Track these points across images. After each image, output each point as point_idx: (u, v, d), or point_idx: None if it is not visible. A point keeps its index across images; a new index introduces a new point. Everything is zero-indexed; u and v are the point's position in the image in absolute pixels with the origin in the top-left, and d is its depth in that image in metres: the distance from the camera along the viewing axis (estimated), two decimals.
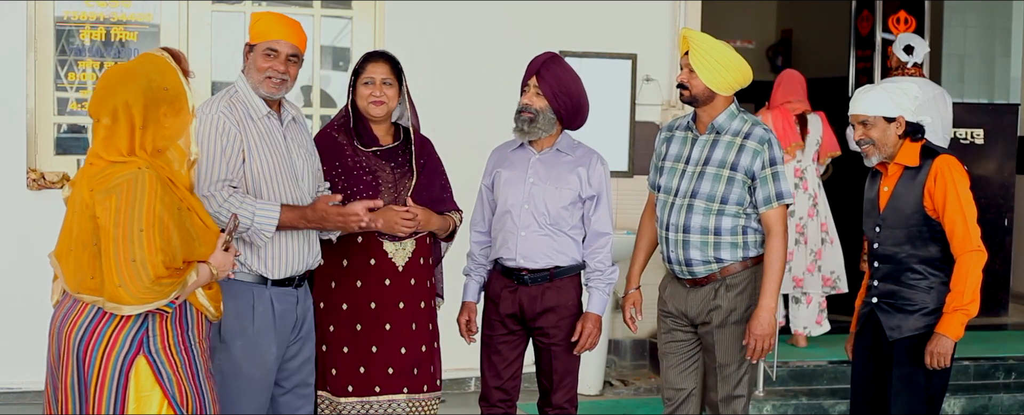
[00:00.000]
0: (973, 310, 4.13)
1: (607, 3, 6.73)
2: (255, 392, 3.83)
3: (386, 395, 4.11)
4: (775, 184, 4.19)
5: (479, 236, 4.45)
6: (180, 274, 3.23)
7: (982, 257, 4.13)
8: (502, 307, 4.34)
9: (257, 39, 3.88)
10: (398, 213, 4.02)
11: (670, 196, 4.28)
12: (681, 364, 4.37)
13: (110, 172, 3.21)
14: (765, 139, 4.19)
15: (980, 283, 4.14)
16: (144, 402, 3.24)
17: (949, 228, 4.15)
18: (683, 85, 4.22)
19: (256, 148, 3.79)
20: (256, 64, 3.86)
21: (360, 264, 4.10)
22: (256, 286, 3.82)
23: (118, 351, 3.22)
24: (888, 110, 4.22)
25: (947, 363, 4.14)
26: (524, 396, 4.76)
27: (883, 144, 4.24)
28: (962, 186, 4.16)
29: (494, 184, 4.39)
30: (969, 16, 9.49)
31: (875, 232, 4.32)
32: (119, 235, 3.14)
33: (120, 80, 3.28)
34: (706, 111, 4.25)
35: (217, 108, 3.79)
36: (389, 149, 4.17)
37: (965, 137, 7.81)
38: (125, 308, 3.16)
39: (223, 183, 3.69)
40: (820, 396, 6.11)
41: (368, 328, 4.10)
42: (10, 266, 5.95)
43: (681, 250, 4.24)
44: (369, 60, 4.17)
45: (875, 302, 4.32)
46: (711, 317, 4.24)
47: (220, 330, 3.76)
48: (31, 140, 5.99)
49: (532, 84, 4.26)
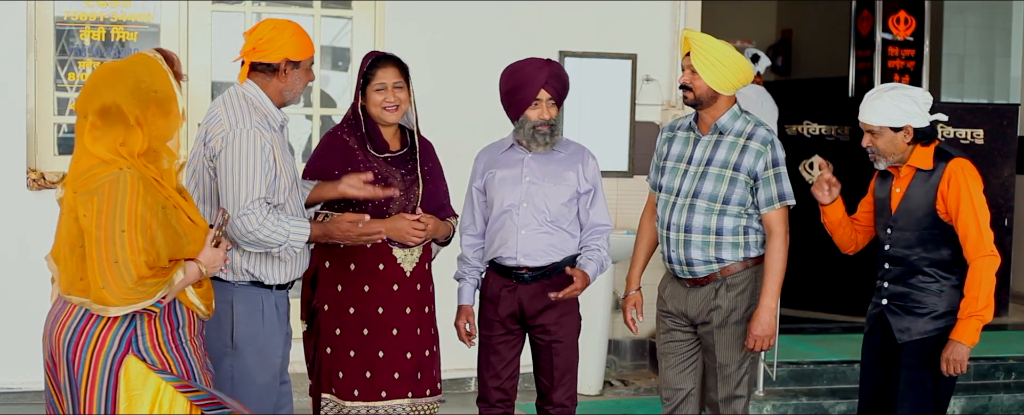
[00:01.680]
0: (988, 315, 4.10)
1: (607, 3, 6.72)
2: (263, 397, 3.84)
3: (392, 400, 4.11)
4: (777, 185, 4.20)
5: (471, 239, 4.42)
6: (165, 273, 3.21)
7: (995, 262, 4.11)
8: (501, 307, 4.34)
9: (304, 55, 3.86)
10: (410, 223, 4.02)
11: (672, 196, 4.28)
12: (680, 364, 4.37)
13: (93, 173, 3.19)
14: (768, 140, 4.20)
15: (994, 288, 4.13)
16: (135, 401, 3.23)
17: (962, 232, 4.12)
18: (686, 87, 4.21)
19: (279, 160, 3.78)
20: (302, 80, 3.87)
21: (369, 269, 4.09)
22: (262, 291, 3.82)
23: (107, 351, 3.21)
24: (895, 120, 4.16)
25: (964, 369, 4.12)
26: (522, 396, 4.77)
27: (890, 152, 4.21)
28: (976, 190, 4.13)
29: (487, 186, 4.37)
30: (969, 16, 9.50)
31: (886, 233, 4.30)
32: (101, 237, 3.13)
33: (109, 79, 3.26)
34: (709, 112, 4.24)
35: (252, 123, 3.72)
36: (399, 155, 4.16)
37: (965, 137, 7.80)
38: (111, 309, 3.15)
39: (260, 201, 3.67)
40: (820, 396, 6.11)
41: (375, 333, 4.09)
42: (10, 266, 5.95)
43: (682, 250, 4.24)
44: (378, 65, 4.11)
45: (885, 304, 4.30)
46: (711, 317, 4.24)
47: (232, 336, 3.76)
48: (31, 140, 5.99)
49: (544, 97, 4.24)
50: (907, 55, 8.91)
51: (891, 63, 8.88)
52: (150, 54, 3.37)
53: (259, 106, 3.81)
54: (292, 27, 3.87)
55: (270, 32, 3.82)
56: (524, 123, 4.27)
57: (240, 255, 3.77)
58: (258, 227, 3.64)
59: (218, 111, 3.78)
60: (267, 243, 3.68)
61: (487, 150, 4.45)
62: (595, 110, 6.75)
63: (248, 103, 3.79)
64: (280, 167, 3.75)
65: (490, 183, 4.36)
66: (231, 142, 3.67)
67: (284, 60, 3.81)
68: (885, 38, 8.85)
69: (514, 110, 4.28)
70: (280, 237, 3.68)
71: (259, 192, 3.66)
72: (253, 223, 3.63)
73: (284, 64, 3.82)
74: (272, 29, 3.83)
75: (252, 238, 3.65)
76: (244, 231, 3.64)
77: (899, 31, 8.84)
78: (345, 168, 4.06)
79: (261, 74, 3.84)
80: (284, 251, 3.74)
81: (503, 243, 4.32)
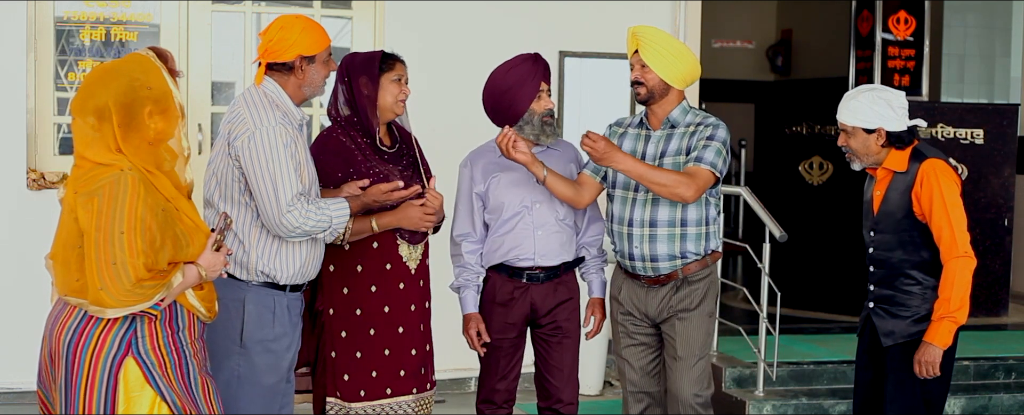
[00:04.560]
0: (961, 317, 4.07)
1: (607, 3, 6.73)
2: (268, 398, 3.84)
3: (397, 397, 4.11)
4: (704, 151, 4.15)
5: (472, 246, 4.38)
6: (164, 276, 3.20)
7: (970, 263, 4.06)
8: (515, 311, 4.33)
9: (318, 48, 3.85)
10: (418, 208, 4.03)
11: (629, 192, 4.27)
12: (645, 367, 4.38)
13: (94, 174, 3.19)
14: (715, 123, 4.23)
15: (969, 289, 4.08)
16: (134, 403, 3.22)
17: (936, 234, 4.10)
18: (638, 82, 4.23)
19: (304, 157, 3.80)
20: (320, 73, 3.87)
21: (375, 269, 4.08)
22: (275, 292, 3.82)
23: (106, 353, 3.20)
24: (867, 121, 4.14)
25: (936, 372, 4.09)
26: (522, 396, 4.77)
27: (863, 153, 4.21)
28: (949, 191, 4.09)
29: (490, 190, 4.33)
30: (969, 16, 9.50)
31: (870, 236, 4.31)
32: (100, 238, 3.12)
33: (103, 80, 3.25)
34: (661, 106, 4.26)
35: (275, 119, 3.73)
36: (395, 152, 4.16)
37: (965, 137, 7.81)
38: (108, 311, 3.14)
39: (298, 196, 3.71)
40: (820, 396, 6.11)
41: (381, 332, 4.08)
42: (10, 266, 5.95)
43: (648, 245, 4.23)
44: (394, 59, 4.11)
45: (871, 306, 4.31)
46: (672, 311, 4.25)
47: (241, 335, 3.76)
48: (31, 140, 5.99)
49: (544, 89, 4.27)
50: (907, 55, 8.91)
51: (891, 63, 8.88)
52: (143, 52, 3.37)
53: (280, 104, 3.82)
54: (301, 23, 3.86)
55: (279, 32, 3.82)
56: (532, 116, 4.26)
57: (256, 255, 3.77)
58: (303, 222, 3.69)
59: (241, 110, 3.78)
60: (313, 232, 3.75)
61: (480, 155, 4.41)
62: (595, 110, 6.74)
63: (270, 101, 3.80)
64: (304, 161, 3.79)
65: (494, 187, 4.33)
66: (258, 142, 3.68)
67: (298, 57, 3.82)
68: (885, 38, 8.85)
69: (516, 107, 4.26)
70: (324, 223, 3.75)
71: (296, 188, 3.70)
72: (298, 219, 3.68)
73: (298, 61, 3.83)
74: (280, 29, 3.83)
75: (299, 231, 3.71)
76: (291, 227, 3.68)
77: (899, 31, 8.84)
78: (346, 169, 4.04)
79: (278, 73, 3.85)
80: (329, 234, 3.82)
81: (516, 245, 4.30)
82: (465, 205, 4.38)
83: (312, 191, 3.84)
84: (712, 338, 4.36)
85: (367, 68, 4.06)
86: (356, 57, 4.15)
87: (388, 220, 4.03)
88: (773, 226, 5.75)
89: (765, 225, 5.80)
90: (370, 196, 3.94)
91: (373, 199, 3.95)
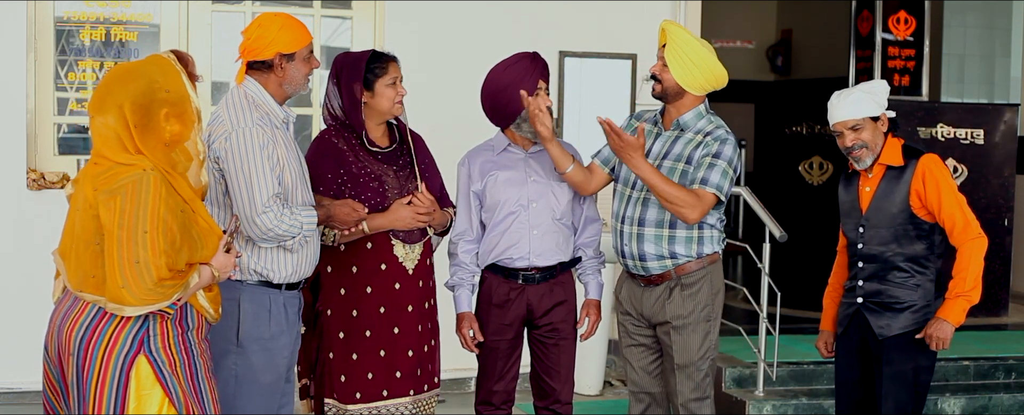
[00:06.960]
0: (975, 296, 4.18)
1: (607, 3, 6.73)
2: (267, 396, 3.84)
3: (393, 399, 4.11)
4: (707, 170, 4.09)
5: (468, 245, 4.37)
6: (182, 276, 3.23)
7: (984, 243, 4.19)
8: (511, 311, 4.32)
9: (297, 46, 3.84)
10: (409, 208, 4.03)
11: (627, 189, 4.27)
12: (646, 367, 4.37)
13: (115, 172, 3.21)
14: (722, 138, 4.14)
15: (982, 270, 4.20)
16: (144, 401, 3.24)
17: (948, 223, 4.19)
18: (655, 77, 4.20)
19: (284, 158, 3.78)
20: (301, 71, 3.85)
21: (371, 270, 4.08)
22: (271, 290, 3.82)
23: (119, 350, 3.22)
24: (871, 110, 4.25)
25: (947, 346, 4.18)
26: (521, 396, 4.77)
27: (875, 143, 4.27)
28: (949, 180, 4.22)
29: (487, 189, 4.33)
30: (969, 16, 9.50)
31: (858, 233, 4.34)
32: (123, 237, 3.13)
33: (122, 80, 3.28)
34: (674, 107, 4.23)
35: (252, 121, 3.74)
36: (390, 152, 4.15)
37: (965, 137, 7.81)
38: (127, 309, 3.16)
39: (274, 198, 3.70)
40: (820, 396, 6.11)
41: (377, 333, 4.08)
42: (10, 266, 5.95)
43: (635, 244, 4.21)
44: (388, 60, 4.09)
45: (861, 302, 4.33)
46: (668, 318, 4.22)
47: (238, 334, 3.76)
48: (31, 140, 5.99)
49: (543, 87, 4.24)
50: (907, 55, 8.92)
51: (891, 63, 8.89)
52: (164, 55, 3.39)
53: (261, 104, 3.81)
54: (280, 20, 3.86)
55: (257, 30, 3.84)
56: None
57: (248, 254, 3.77)
58: (276, 224, 3.68)
59: (220, 112, 3.81)
60: (283, 237, 3.73)
61: (477, 153, 4.40)
62: (595, 110, 6.72)
63: (250, 102, 3.80)
64: (284, 162, 3.77)
65: (491, 186, 4.32)
66: (235, 143, 3.68)
67: (277, 55, 3.82)
68: (885, 38, 8.85)
69: (513, 105, 4.24)
70: (294, 229, 3.73)
71: (272, 190, 3.69)
72: (272, 221, 3.67)
73: (278, 59, 3.83)
74: (259, 26, 3.84)
75: (271, 235, 3.69)
76: (264, 229, 3.67)
77: (899, 31, 8.85)
78: (338, 170, 4.04)
79: (258, 72, 3.85)
80: (296, 242, 3.78)
81: (512, 245, 4.29)
82: (462, 203, 4.38)
83: (298, 192, 3.82)
84: (715, 343, 4.30)
85: (357, 73, 4.04)
86: (346, 58, 4.13)
87: (379, 222, 4.03)
88: (773, 226, 5.75)
89: (765, 225, 5.81)
90: (333, 210, 3.93)
91: (340, 212, 3.93)
